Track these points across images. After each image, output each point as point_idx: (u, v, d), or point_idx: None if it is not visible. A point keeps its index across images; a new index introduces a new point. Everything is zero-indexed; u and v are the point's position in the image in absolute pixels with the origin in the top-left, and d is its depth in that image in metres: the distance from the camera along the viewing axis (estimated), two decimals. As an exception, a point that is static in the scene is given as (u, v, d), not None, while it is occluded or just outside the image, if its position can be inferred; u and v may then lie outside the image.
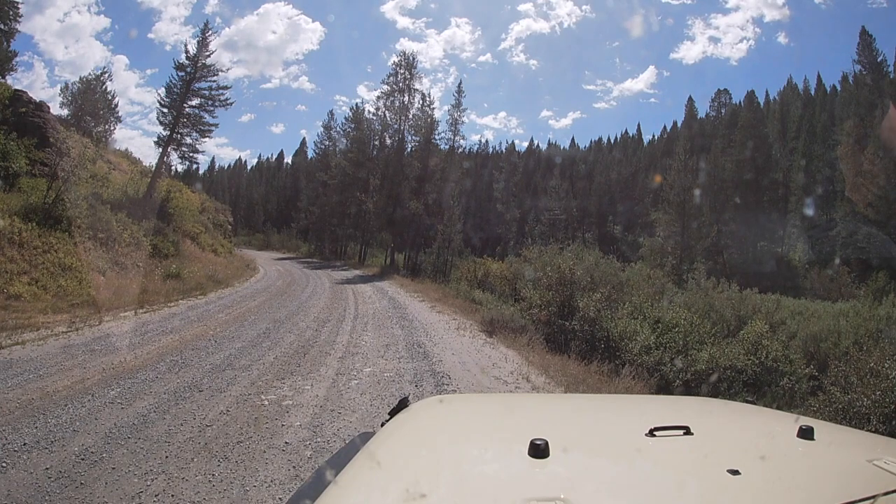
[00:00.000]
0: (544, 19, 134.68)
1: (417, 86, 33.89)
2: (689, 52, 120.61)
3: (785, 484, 0.87)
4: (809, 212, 34.18)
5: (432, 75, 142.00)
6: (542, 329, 10.85)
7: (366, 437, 1.19)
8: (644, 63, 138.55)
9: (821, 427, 1.07)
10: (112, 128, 31.05)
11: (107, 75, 31.62)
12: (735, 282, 18.24)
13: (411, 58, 33.96)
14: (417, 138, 33.47)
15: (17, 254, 10.11)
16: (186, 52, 22.41)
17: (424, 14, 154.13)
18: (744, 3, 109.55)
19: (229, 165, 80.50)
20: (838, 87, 47.05)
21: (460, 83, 37.62)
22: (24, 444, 3.76)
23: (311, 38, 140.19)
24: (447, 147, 33.69)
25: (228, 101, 23.02)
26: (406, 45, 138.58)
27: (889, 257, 24.23)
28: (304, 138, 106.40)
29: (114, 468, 3.49)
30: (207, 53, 22.14)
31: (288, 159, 76.36)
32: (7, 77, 21.44)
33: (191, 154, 22.77)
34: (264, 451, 3.95)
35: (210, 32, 22.61)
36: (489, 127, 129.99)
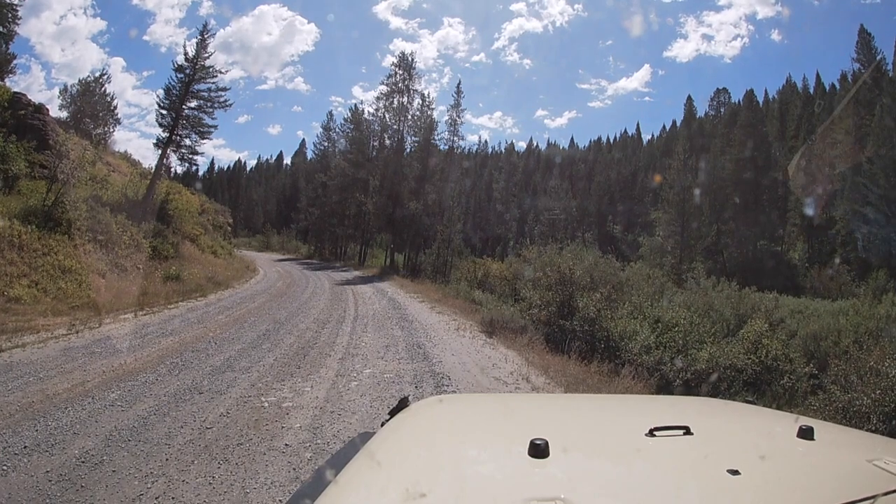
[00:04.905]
0: (537, 18, 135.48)
1: (416, 86, 33.97)
2: (682, 51, 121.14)
3: (785, 484, 0.87)
4: (809, 211, 34.17)
5: (427, 76, 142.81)
6: (542, 329, 10.83)
7: (366, 436, 1.19)
8: (638, 61, 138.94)
9: (821, 427, 1.07)
10: (111, 130, 31.11)
11: (105, 77, 31.61)
12: (735, 281, 18.27)
13: (409, 59, 34.02)
14: (417, 139, 33.52)
15: (17, 256, 10.10)
16: (185, 53, 22.44)
17: (417, 14, 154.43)
18: (736, 1, 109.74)
19: (228, 167, 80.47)
20: (837, 86, 47.15)
21: (459, 83, 37.65)
22: (25, 446, 3.76)
23: (305, 40, 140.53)
24: (446, 147, 33.77)
25: (227, 103, 23.02)
26: (400, 45, 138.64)
27: (889, 256, 24.25)
28: (303, 139, 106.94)
29: (114, 471, 3.49)
30: (206, 55, 22.13)
31: (287, 160, 76.51)
32: (6, 79, 21.39)
33: (190, 156, 22.73)
34: (264, 453, 3.95)
35: (208, 34, 22.60)
36: (485, 127, 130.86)
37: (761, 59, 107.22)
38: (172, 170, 26.83)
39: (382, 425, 1.25)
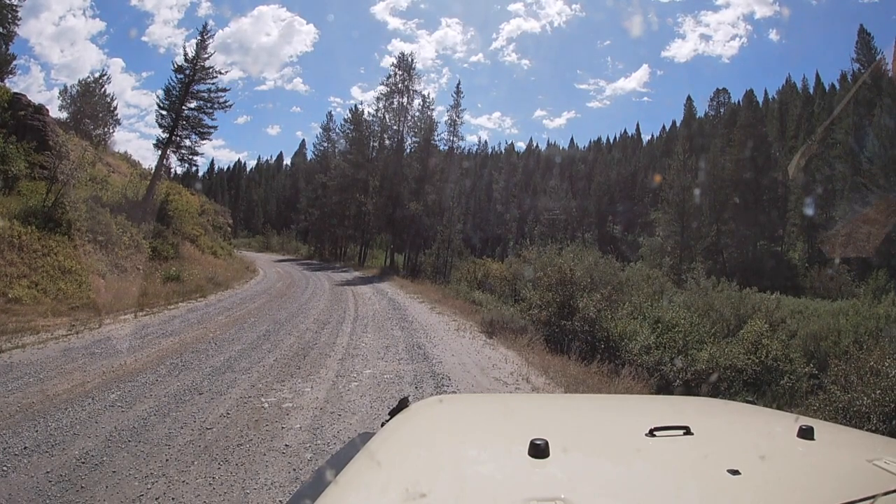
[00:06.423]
0: (534, 18, 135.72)
1: (416, 87, 34.01)
2: (680, 51, 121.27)
3: (785, 484, 0.87)
4: (809, 211, 34.18)
5: (425, 76, 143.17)
6: (542, 329, 10.83)
7: (366, 437, 1.19)
8: (636, 61, 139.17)
9: (821, 427, 1.07)
10: (111, 130, 31.07)
11: (105, 78, 31.57)
12: (735, 281, 18.28)
13: (408, 59, 34.04)
14: (416, 139, 33.54)
15: (17, 257, 10.10)
16: (185, 54, 22.44)
17: (415, 15, 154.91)
18: (734, 0, 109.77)
19: (228, 167, 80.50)
20: (837, 86, 47.16)
21: (458, 84, 37.81)
22: (25, 447, 3.76)
23: (304, 40, 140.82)
24: (446, 148, 33.79)
25: (227, 104, 23.02)
26: (398, 46, 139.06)
27: (889, 256, 24.23)
28: (302, 140, 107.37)
29: (114, 471, 3.48)
30: (205, 56, 22.13)
31: (287, 161, 76.55)
32: (6, 80, 21.37)
33: (190, 156, 22.70)
34: (264, 454, 3.95)
35: (207, 35, 22.59)
36: (484, 127, 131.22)
37: (760, 59, 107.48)
38: (172, 170, 26.77)
39: (382, 425, 1.25)
